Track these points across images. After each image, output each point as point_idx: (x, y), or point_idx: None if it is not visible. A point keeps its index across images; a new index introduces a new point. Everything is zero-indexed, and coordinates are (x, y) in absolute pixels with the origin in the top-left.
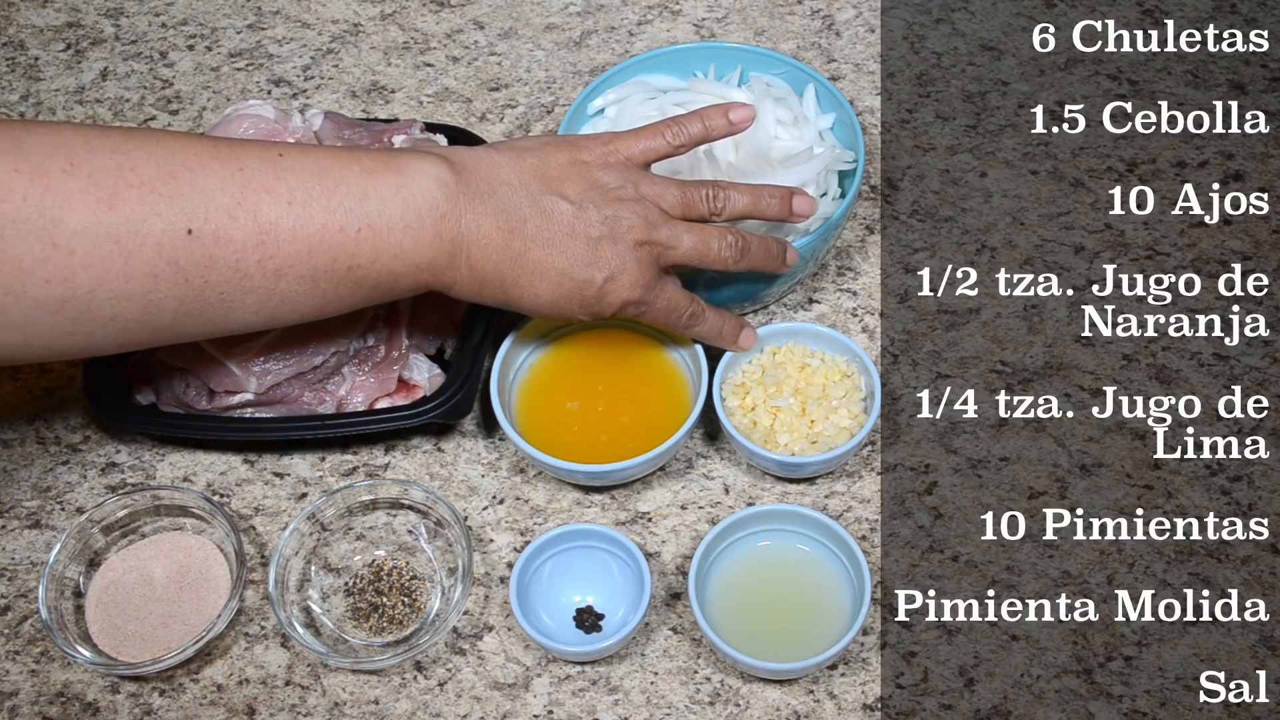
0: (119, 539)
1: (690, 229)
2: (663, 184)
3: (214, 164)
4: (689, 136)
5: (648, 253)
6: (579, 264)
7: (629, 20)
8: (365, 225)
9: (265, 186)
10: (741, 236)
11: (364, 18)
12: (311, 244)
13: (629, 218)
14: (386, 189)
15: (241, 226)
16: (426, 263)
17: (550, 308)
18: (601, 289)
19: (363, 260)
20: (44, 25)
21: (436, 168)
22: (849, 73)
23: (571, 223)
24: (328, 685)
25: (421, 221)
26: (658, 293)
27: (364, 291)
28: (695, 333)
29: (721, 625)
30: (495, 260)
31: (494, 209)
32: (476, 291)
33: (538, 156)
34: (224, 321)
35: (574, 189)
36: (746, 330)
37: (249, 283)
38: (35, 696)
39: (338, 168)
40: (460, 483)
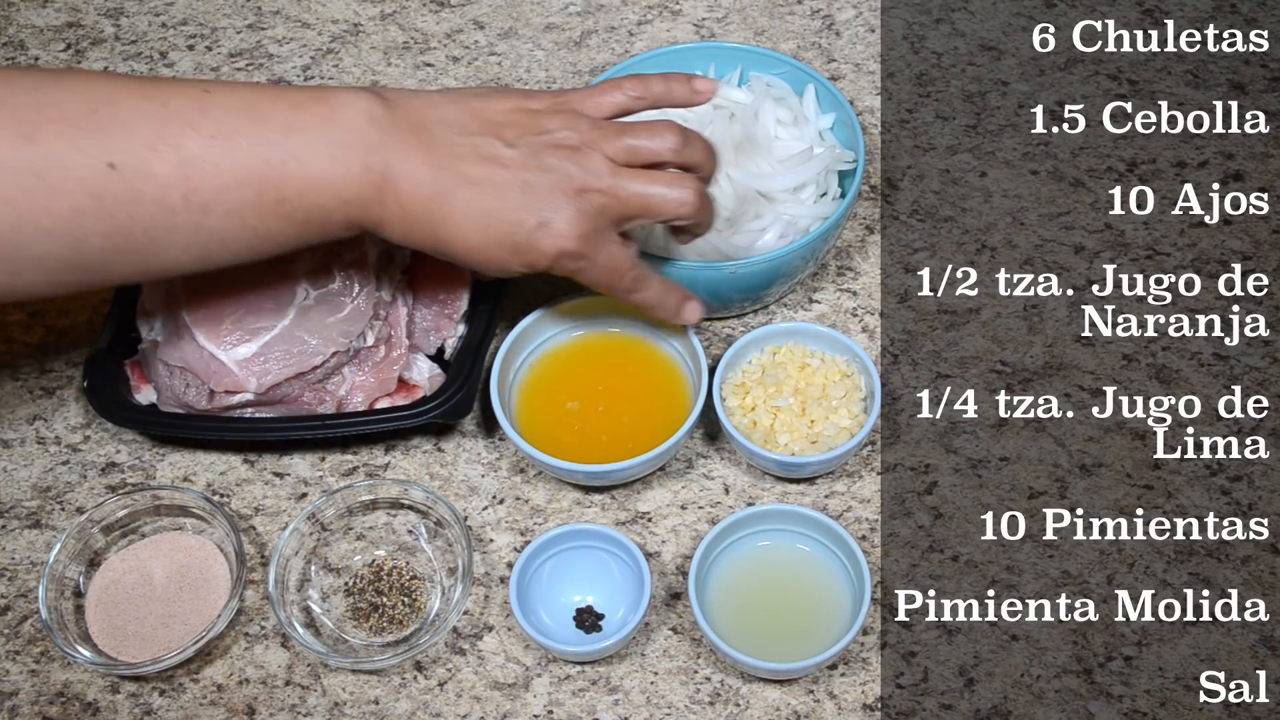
0: (119, 539)
1: (636, 176)
2: (609, 131)
3: (138, 100)
4: (649, 93)
5: (588, 202)
6: (510, 206)
7: (629, 20)
8: (291, 158)
9: (189, 121)
10: (698, 185)
11: (364, 18)
12: (238, 178)
13: (569, 165)
14: (313, 122)
15: (165, 160)
16: (354, 196)
17: (480, 253)
18: (532, 234)
19: (290, 194)
20: (44, 25)
21: (366, 101)
22: (849, 73)
23: (506, 164)
24: (328, 685)
25: (349, 154)
26: (598, 247)
27: (295, 228)
28: (637, 299)
29: (721, 625)
30: (424, 197)
31: (425, 144)
32: (405, 231)
33: (481, 100)
34: (156, 260)
35: (513, 133)
36: (692, 304)
37: (175, 219)
38: (35, 696)
39: (264, 102)
40: (460, 483)
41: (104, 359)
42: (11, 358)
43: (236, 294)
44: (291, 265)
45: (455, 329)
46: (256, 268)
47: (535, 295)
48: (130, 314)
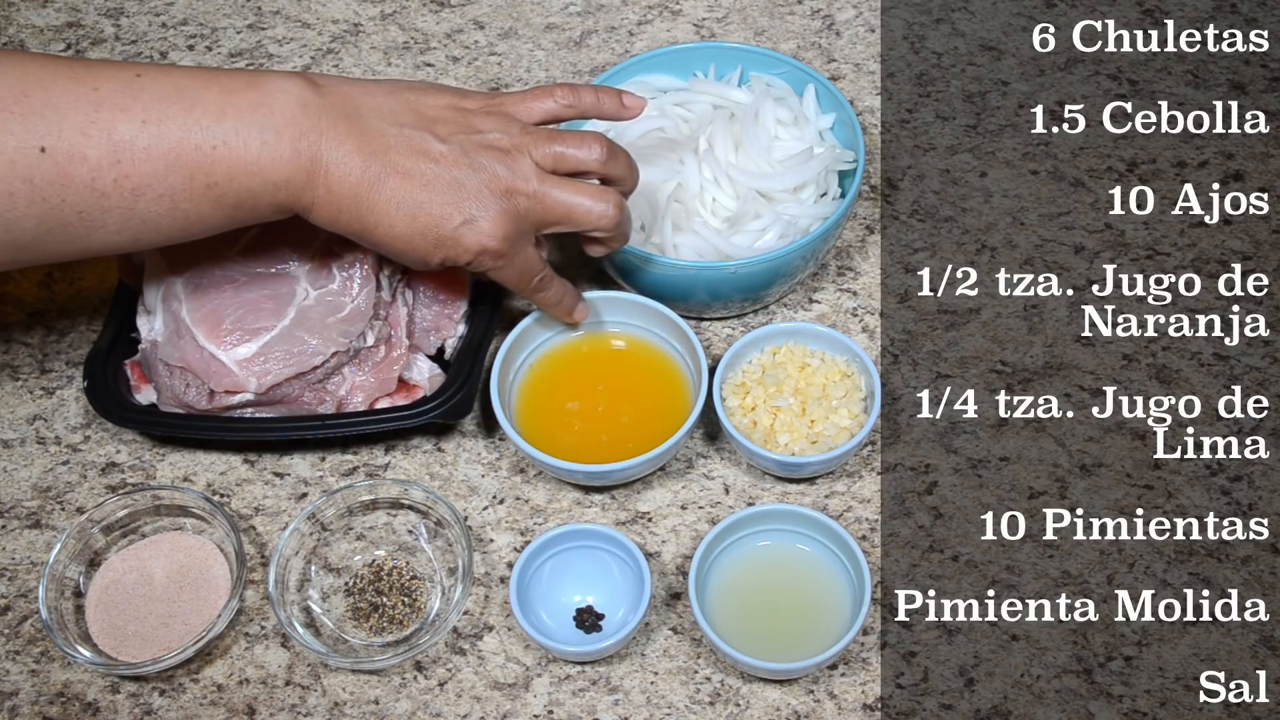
0: (119, 539)
1: (561, 184)
2: (539, 137)
3: (69, 83)
4: (579, 103)
5: (512, 204)
6: (438, 201)
7: (629, 20)
8: (221, 142)
9: (120, 105)
10: (619, 200)
11: (364, 18)
12: (168, 161)
13: (497, 166)
14: (244, 106)
15: (95, 144)
16: (284, 180)
17: (404, 242)
18: (457, 230)
19: (219, 178)
20: (44, 25)
21: (299, 86)
22: (849, 73)
23: (437, 159)
24: (328, 685)
25: (279, 138)
26: (518, 249)
27: (225, 212)
28: (540, 298)
29: (721, 625)
30: (353, 182)
31: (357, 131)
32: (333, 216)
33: (416, 93)
34: (88, 241)
35: (446, 129)
36: (581, 305)
37: (107, 202)
38: (35, 696)
39: (196, 86)
40: (460, 483)
41: (104, 359)
42: (11, 358)
43: (236, 294)
44: (291, 265)
45: (455, 329)
46: (257, 267)
47: None
48: (130, 314)
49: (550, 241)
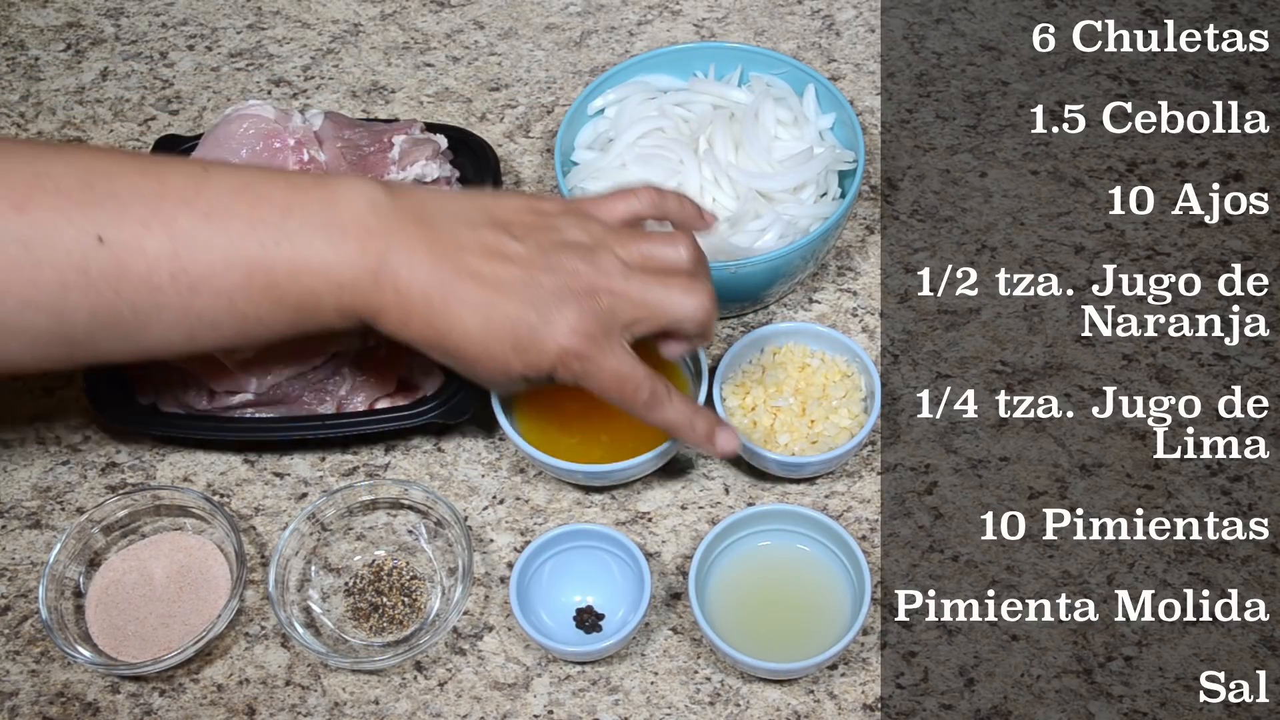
0: (119, 539)
1: (649, 279)
2: (623, 234)
3: (134, 175)
4: (663, 204)
5: (595, 303)
6: (514, 301)
7: (629, 20)
8: (285, 241)
9: (184, 199)
10: (710, 288)
11: (364, 18)
12: (228, 259)
13: (577, 263)
14: (312, 205)
15: (155, 236)
16: (350, 281)
17: (480, 348)
18: (536, 330)
19: (281, 278)
20: (44, 25)
21: (370, 188)
22: (849, 73)
23: (512, 259)
24: (328, 685)
25: (345, 237)
26: (606, 351)
27: (286, 314)
28: (657, 418)
29: (721, 625)
30: (423, 286)
31: (428, 234)
32: (403, 321)
33: (490, 198)
34: (142, 338)
35: (522, 230)
36: (725, 431)
37: (163, 297)
38: (35, 696)
39: (264, 184)
40: (460, 483)
41: None
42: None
43: None
44: None
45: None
46: None
47: None
48: None
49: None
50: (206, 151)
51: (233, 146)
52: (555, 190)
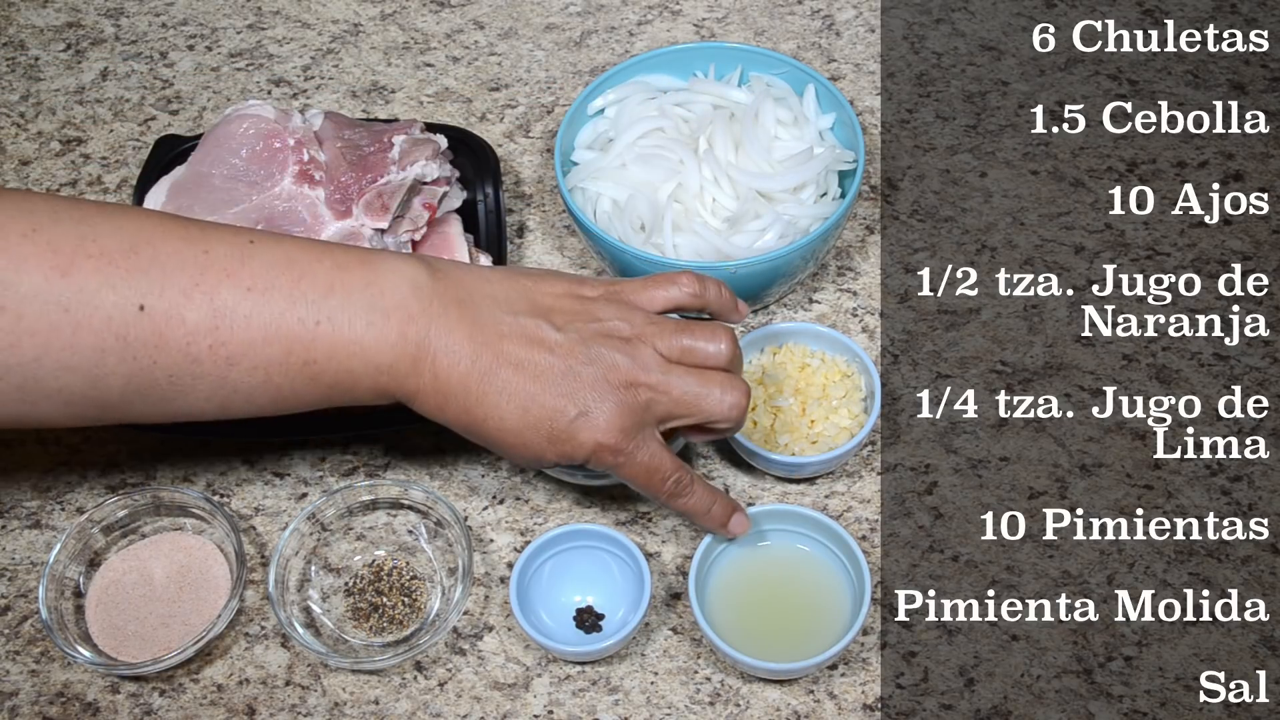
0: (119, 539)
1: (688, 375)
2: (664, 326)
3: (179, 243)
4: (704, 294)
5: (633, 396)
6: (552, 393)
7: (629, 20)
8: (325, 319)
9: (228, 270)
10: (745, 386)
11: (364, 18)
12: (267, 333)
13: (618, 356)
14: (355, 284)
15: (197, 308)
16: (387, 365)
17: (515, 436)
18: (573, 423)
19: (319, 355)
20: (44, 25)
21: (414, 269)
22: (849, 73)
23: (552, 349)
24: (328, 685)
25: (387, 321)
26: (639, 444)
27: (321, 391)
28: (680, 505)
29: (721, 625)
30: (462, 372)
31: (469, 320)
32: (439, 405)
33: (533, 280)
34: (176, 405)
35: (563, 318)
36: (739, 516)
37: (199, 368)
38: (35, 696)
39: (308, 259)
40: (460, 483)
41: None
42: None
43: None
44: None
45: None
46: None
47: None
48: None
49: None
50: (206, 151)
51: (233, 146)
52: (555, 190)
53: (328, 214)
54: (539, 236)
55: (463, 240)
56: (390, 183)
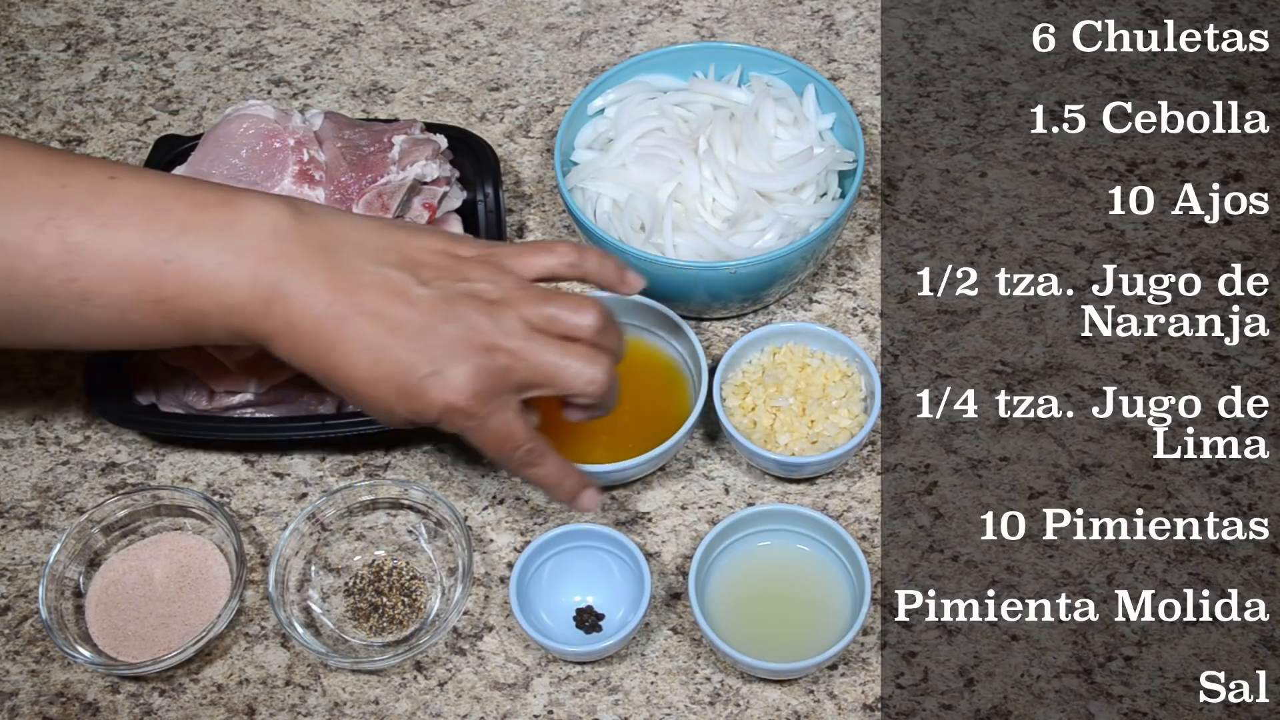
0: (119, 539)
1: (549, 344)
2: (532, 293)
3: (39, 176)
4: (582, 263)
5: (490, 360)
6: (406, 348)
7: (629, 20)
8: (176, 258)
9: (83, 205)
10: (610, 367)
11: (364, 18)
12: (118, 270)
13: (480, 318)
14: (210, 223)
15: (49, 242)
16: (238, 306)
17: (366, 387)
18: (424, 380)
19: (169, 294)
20: (44, 25)
21: (277, 211)
22: (849, 73)
23: (413, 303)
24: (328, 685)
25: (240, 260)
26: (492, 410)
27: (176, 329)
28: (529, 474)
29: (721, 625)
30: (315, 317)
31: (330, 264)
32: (291, 349)
33: (407, 232)
34: (39, 337)
35: (430, 273)
36: (590, 491)
37: (53, 302)
38: (35, 696)
39: (168, 197)
40: (460, 483)
41: (104, 359)
42: (11, 358)
43: None
44: None
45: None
46: None
47: None
48: None
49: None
50: (206, 151)
51: (233, 146)
52: (555, 190)
53: None
54: (539, 236)
55: None
56: (390, 183)
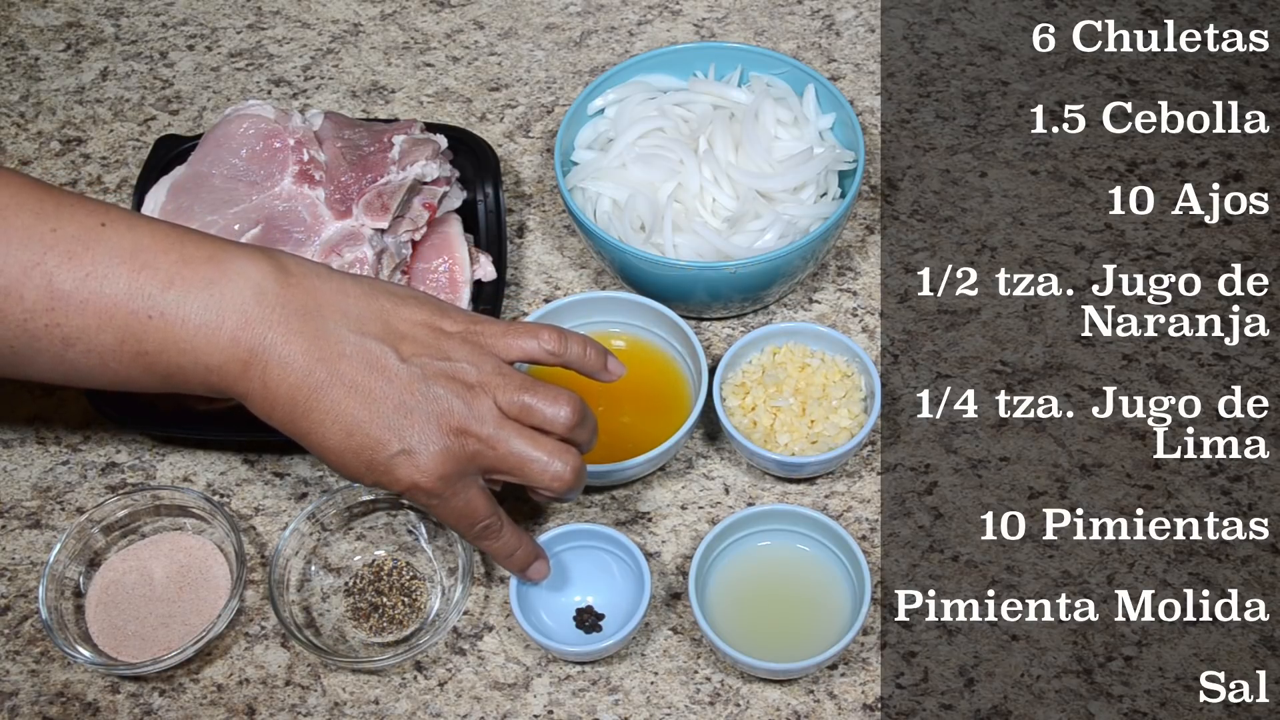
0: (119, 539)
1: (521, 435)
2: (510, 380)
3: (29, 218)
4: (564, 352)
5: (460, 445)
6: (379, 424)
7: (629, 20)
8: (158, 314)
9: (71, 252)
10: (577, 464)
11: (364, 18)
12: (101, 320)
13: (454, 401)
14: (195, 280)
15: (35, 287)
16: (216, 365)
17: (335, 456)
18: (393, 459)
19: (150, 347)
20: (44, 25)
21: (262, 272)
22: (849, 73)
23: (391, 379)
24: (328, 685)
25: (221, 323)
26: (456, 491)
27: (157, 379)
28: (484, 547)
29: (721, 625)
30: (292, 384)
31: (311, 331)
32: (266, 410)
33: (393, 301)
34: (24, 372)
35: (411, 348)
36: (539, 563)
37: (38, 344)
38: (35, 696)
39: (155, 249)
40: None
41: None
42: None
43: None
44: None
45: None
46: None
47: (534, 296)
48: None
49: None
50: (206, 151)
51: (233, 146)
52: (555, 190)
53: (328, 214)
54: (539, 236)
55: (463, 240)
56: (390, 183)
